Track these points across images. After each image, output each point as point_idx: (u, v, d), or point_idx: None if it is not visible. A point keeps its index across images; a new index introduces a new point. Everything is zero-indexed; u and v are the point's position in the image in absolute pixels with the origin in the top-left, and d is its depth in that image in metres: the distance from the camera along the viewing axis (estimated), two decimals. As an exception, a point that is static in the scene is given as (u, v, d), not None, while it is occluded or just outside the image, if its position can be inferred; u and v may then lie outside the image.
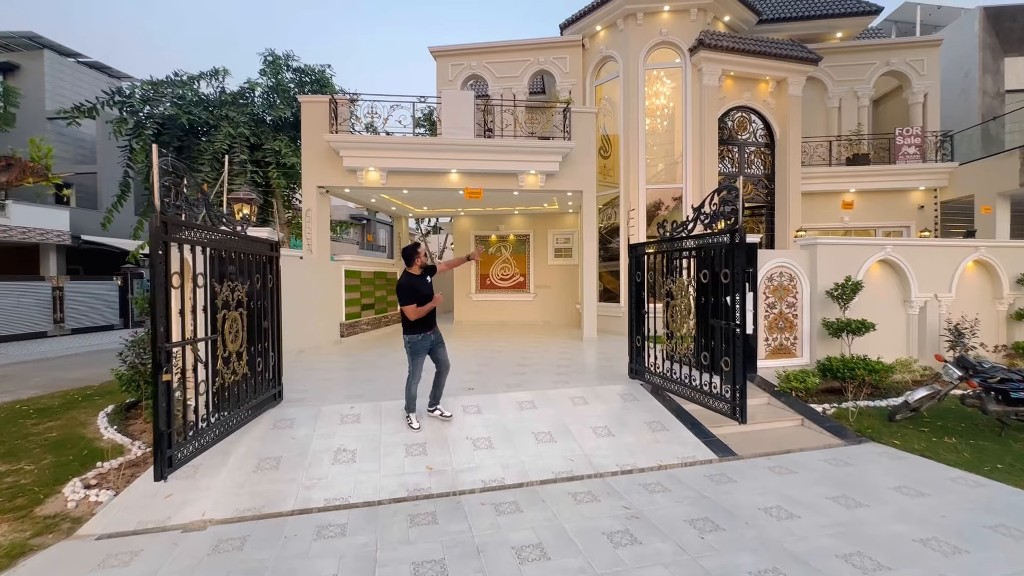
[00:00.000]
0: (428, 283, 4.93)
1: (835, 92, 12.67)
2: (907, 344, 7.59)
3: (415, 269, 4.87)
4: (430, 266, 5.08)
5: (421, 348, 4.91)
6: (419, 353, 4.92)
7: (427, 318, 4.88)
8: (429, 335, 4.95)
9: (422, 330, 4.89)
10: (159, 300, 3.20)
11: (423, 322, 4.86)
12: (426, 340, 4.93)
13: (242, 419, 4.53)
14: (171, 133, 10.70)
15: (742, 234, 4.38)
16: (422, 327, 4.89)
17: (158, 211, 3.20)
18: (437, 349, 5.04)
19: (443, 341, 5.12)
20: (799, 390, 6.23)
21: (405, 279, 4.84)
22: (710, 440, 5.00)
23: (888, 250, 7.28)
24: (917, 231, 12.15)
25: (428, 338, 4.94)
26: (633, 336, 6.32)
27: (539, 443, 4.82)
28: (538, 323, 13.45)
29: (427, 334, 4.93)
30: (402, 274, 4.94)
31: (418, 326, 4.87)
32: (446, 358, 5.12)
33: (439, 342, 5.06)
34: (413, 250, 4.87)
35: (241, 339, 4.44)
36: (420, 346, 4.91)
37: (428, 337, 4.94)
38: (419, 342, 4.90)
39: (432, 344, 4.99)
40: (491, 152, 9.36)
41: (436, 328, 5.06)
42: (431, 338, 4.97)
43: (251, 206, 6.07)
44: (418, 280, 4.86)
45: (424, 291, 4.82)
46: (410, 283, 4.80)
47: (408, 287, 4.77)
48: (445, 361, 5.10)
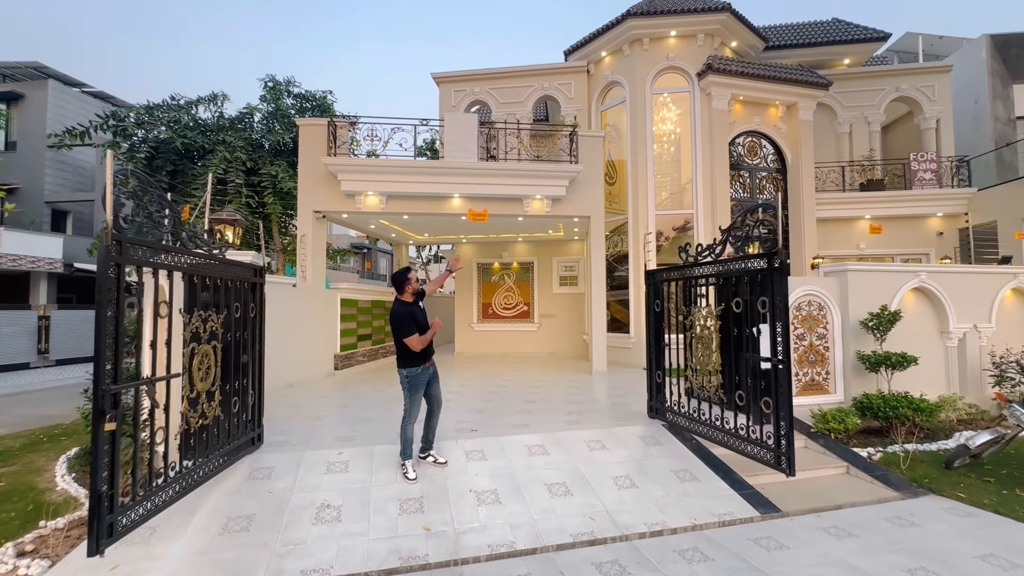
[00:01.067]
0: (423, 309, 4.54)
1: (845, 118, 12.44)
2: (947, 379, 6.99)
3: (408, 296, 4.43)
4: (421, 290, 4.63)
5: (420, 382, 4.42)
6: (418, 387, 4.41)
7: (427, 348, 4.44)
8: (428, 368, 4.50)
9: (420, 361, 4.40)
10: (104, 332, 2.67)
11: (423, 353, 4.40)
12: (426, 373, 4.46)
13: (212, 469, 3.93)
14: (165, 157, 10.39)
15: (783, 258, 3.88)
16: (422, 358, 4.41)
17: (110, 227, 2.71)
18: (432, 384, 4.56)
19: (438, 376, 4.65)
20: (838, 431, 5.62)
21: (400, 307, 4.36)
22: (747, 492, 4.37)
23: (922, 277, 6.78)
24: (937, 258, 11.69)
25: (428, 371, 4.49)
26: (653, 371, 5.75)
27: (553, 496, 4.20)
28: (543, 354, 12.84)
29: (427, 367, 4.48)
30: (395, 302, 4.44)
31: (418, 357, 4.39)
32: (440, 394, 4.65)
33: (435, 377, 4.60)
34: (404, 275, 4.42)
35: (213, 376, 3.89)
36: (420, 380, 4.41)
37: (428, 370, 4.49)
38: (419, 376, 4.40)
39: (430, 378, 4.53)
40: (495, 176, 8.99)
41: (434, 361, 4.61)
42: (430, 371, 4.52)
43: (235, 228, 5.61)
44: (413, 307, 4.42)
45: (420, 318, 4.42)
46: (407, 311, 4.34)
47: (405, 316, 4.31)
48: (439, 398, 4.62)
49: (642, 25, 10.58)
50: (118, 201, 2.77)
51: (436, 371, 4.60)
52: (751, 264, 4.28)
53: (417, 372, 4.40)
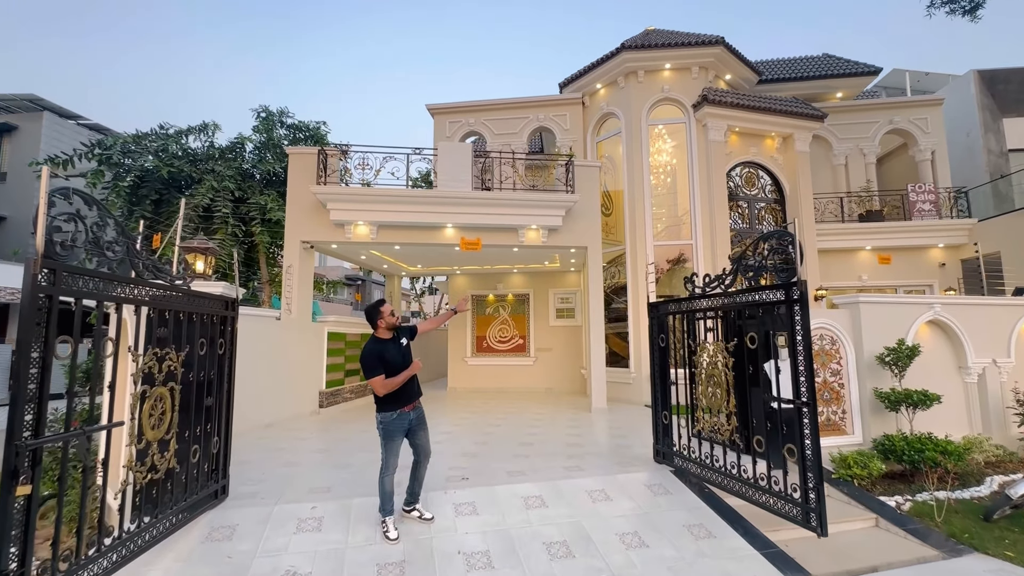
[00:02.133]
0: (401, 347, 3.99)
1: (840, 149, 12.44)
2: (969, 418, 6.59)
3: (382, 332, 3.97)
4: (406, 327, 4.17)
5: (396, 429, 3.88)
6: (394, 436, 3.87)
7: (405, 391, 3.90)
8: (407, 413, 3.93)
9: (397, 406, 3.88)
10: (24, 376, 2.26)
11: (399, 395, 3.88)
12: (403, 419, 3.90)
13: (163, 530, 3.43)
14: (150, 186, 10.12)
15: (803, 289, 3.55)
16: (397, 402, 3.88)
17: (40, 254, 2.34)
18: (417, 431, 4.00)
19: (425, 421, 4.09)
20: (861, 478, 5.17)
21: (369, 345, 3.90)
22: (771, 552, 3.89)
23: (937, 309, 6.47)
24: (941, 290, 11.44)
25: (406, 417, 3.92)
26: (659, 412, 5.32)
27: (552, 559, 3.70)
28: (539, 390, 12.32)
29: (404, 411, 3.91)
30: (368, 340, 4.00)
31: (392, 401, 3.87)
32: (427, 443, 4.06)
33: (420, 422, 4.03)
34: (374, 309, 3.96)
35: (169, 423, 3.44)
36: (395, 427, 3.87)
37: (406, 416, 3.92)
38: (393, 421, 3.86)
39: (411, 424, 3.96)
40: (490, 205, 8.75)
41: (419, 404, 4.06)
42: (410, 417, 3.94)
43: (207, 257, 5.24)
44: (386, 345, 3.94)
45: (391, 358, 3.87)
46: (375, 350, 3.86)
47: (371, 354, 3.83)
48: (425, 447, 4.03)
49: (637, 58, 10.62)
50: (53, 225, 2.41)
51: (422, 416, 4.06)
52: (766, 296, 3.95)
53: (392, 418, 3.86)
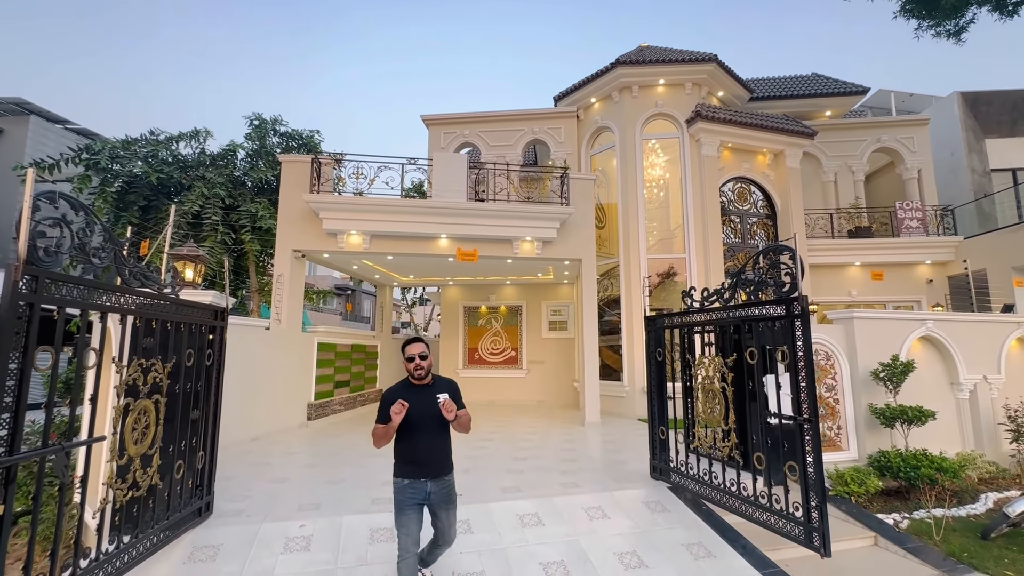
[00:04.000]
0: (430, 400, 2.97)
1: (829, 167, 12.64)
2: (961, 434, 6.61)
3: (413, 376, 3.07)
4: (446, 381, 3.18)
5: (406, 501, 2.92)
6: (403, 508, 2.91)
7: (418, 454, 2.96)
8: (423, 484, 2.94)
9: (406, 472, 2.96)
10: (1, 387, 2.14)
11: (408, 457, 2.98)
12: (416, 492, 2.94)
13: (144, 551, 3.27)
14: (138, 192, 9.93)
15: (804, 304, 3.53)
16: (407, 465, 2.97)
17: (22, 258, 2.24)
18: (438, 510, 3.03)
19: (452, 500, 3.10)
20: (859, 494, 5.13)
21: (391, 387, 3.11)
22: (771, 572, 3.81)
23: (929, 325, 6.52)
24: (929, 306, 11.59)
25: (420, 489, 2.94)
26: (656, 427, 5.25)
27: (550, 580, 3.59)
28: (531, 403, 12.21)
29: (418, 482, 2.94)
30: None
31: (401, 463, 2.99)
32: (449, 529, 3.09)
33: (443, 501, 3.03)
34: (403, 348, 3.09)
35: (152, 437, 3.30)
36: (405, 498, 2.93)
37: (420, 487, 2.94)
38: (402, 490, 2.94)
39: (430, 500, 2.98)
40: (484, 217, 8.71)
41: (444, 478, 3.04)
42: (426, 490, 2.95)
43: (196, 265, 5.11)
44: (410, 393, 2.99)
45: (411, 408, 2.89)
46: (389, 394, 3.02)
47: (385, 397, 3.00)
48: (446, 533, 3.10)
49: (631, 73, 10.74)
50: (36, 230, 2.30)
51: (447, 495, 3.05)
52: (766, 311, 3.92)
53: (402, 486, 2.94)
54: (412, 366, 3.02)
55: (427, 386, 3.07)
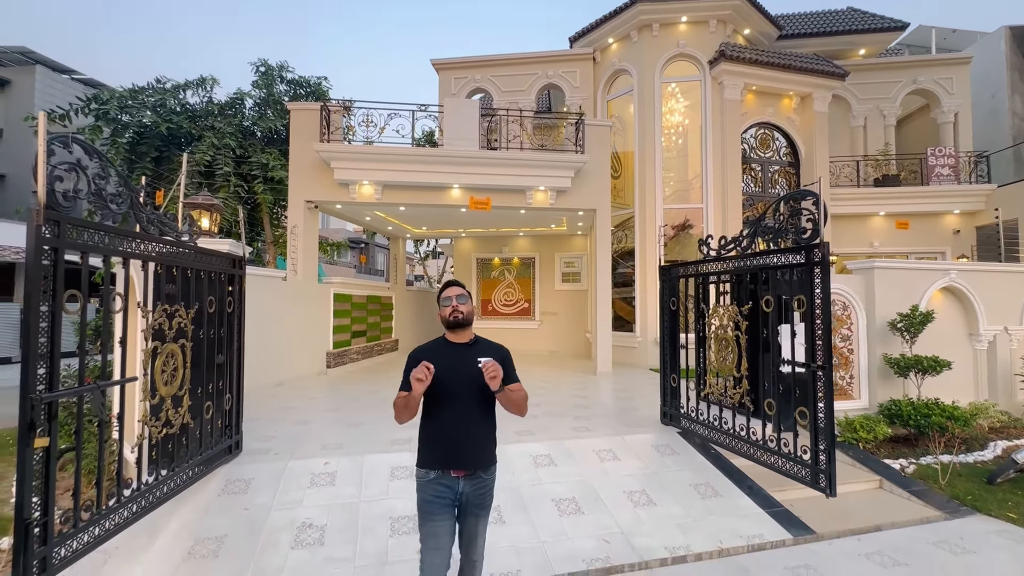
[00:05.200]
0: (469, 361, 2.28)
1: (859, 111, 12.01)
2: (975, 384, 6.59)
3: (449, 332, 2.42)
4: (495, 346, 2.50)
5: (431, 500, 2.23)
6: (427, 510, 2.24)
7: (448, 434, 2.26)
8: (453, 480, 2.25)
9: (430, 461, 2.27)
10: (34, 330, 2.22)
11: (433, 442, 2.28)
12: (445, 488, 2.24)
13: (180, 483, 3.48)
14: (149, 143, 9.88)
15: (825, 251, 3.45)
16: (430, 453, 2.28)
17: (42, 205, 2.26)
18: (467, 515, 2.29)
19: (486, 504, 2.33)
20: (867, 441, 5.22)
21: (421, 345, 2.46)
22: (777, 511, 3.96)
23: (952, 276, 6.37)
24: (953, 257, 11.28)
25: (449, 486, 2.24)
26: (667, 375, 5.32)
27: (562, 515, 3.77)
28: (544, 353, 12.41)
29: (447, 476, 2.25)
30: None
31: (424, 449, 2.30)
32: (476, 539, 2.32)
33: (478, 503, 2.28)
34: (439, 293, 2.45)
35: (181, 378, 3.44)
36: (431, 497, 2.24)
37: (450, 484, 2.24)
38: (428, 486, 2.25)
39: (461, 500, 2.26)
40: (497, 165, 8.53)
41: (483, 474, 2.30)
42: (457, 488, 2.25)
43: (212, 214, 5.14)
44: (444, 351, 2.36)
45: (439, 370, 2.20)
46: (419, 350, 2.39)
47: (412, 356, 2.35)
48: (473, 545, 2.32)
49: (652, 10, 10.11)
50: (53, 174, 2.31)
51: (483, 494, 2.30)
52: (785, 259, 3.85)
53: (424, 479, 2.26)
54: (448, 311, 2.34)
55: (467, 346, 2.39)
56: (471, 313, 2.43)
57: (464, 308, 2.40)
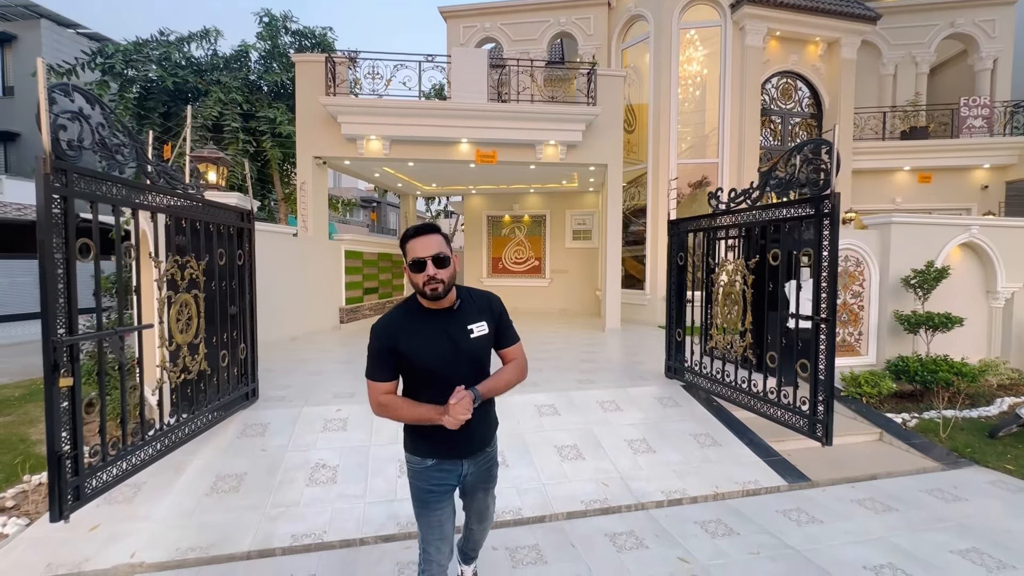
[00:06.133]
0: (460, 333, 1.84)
1: (890, 57, 11.34)
2: (988, 342, 6.52)
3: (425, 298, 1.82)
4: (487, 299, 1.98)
5: (426, 488, 1.91)
6: (424, 498, 1.92)
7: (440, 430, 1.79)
8: (455, 465, 1.93)
9: (426, 450, 1.90)
10: (50, 278, 2.32)
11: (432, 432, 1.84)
12: (446, 474, 1.93)
13: (200, 425, 3.69)
14: (156, 98, 9.82)
15: (835, 202, 3.37)
16: (426, 441, 1.89)
17: (48, 153, 2.30)
18: (475, 491, 2.06)
19: (492, 476, 2.10)
20: (871, 395, 5.25)
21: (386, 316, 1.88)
22: (773, 459, 4.06)
23: (973, 231, 6.18)
24: (979, 213, 10.89)
25: (452, 472, 1.93)
26: (672, 329, 5.36)
27: (563, 460, 3.92)
28: (554, 311, 12.50)
29: (447, 466, 1.92)
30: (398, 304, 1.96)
31: (418, 437, 1.91)
32: (486, 507, 2.14)
33: (484, 477, 2.05)
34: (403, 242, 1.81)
35: (196, 327, 3.57)
36: (424, 483, 1.91)
37: (451, 470, 1.93)
38: (421, 474, 1.92)
39: (464, 480, 1.98)
40: (506, 119, 8.33)
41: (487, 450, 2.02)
42: (459, 471, 1.94)
43: (219, 168, 5.15)
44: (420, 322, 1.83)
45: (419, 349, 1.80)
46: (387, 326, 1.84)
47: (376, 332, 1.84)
48: (482, 511, 2.14)
49: (671, -52, 9.49)
50: (57, 123, 2.33)
51: (487, 470, 2.05)
52: (794, 211, 3.77)
53: (417, 467, 1.92)
54: (422, 279, 1.74)
55: (450, 312, 1.85)
56: (453, 278, 1.80)
57: (445, 274, 1.75)
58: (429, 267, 1.72)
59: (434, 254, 1.73)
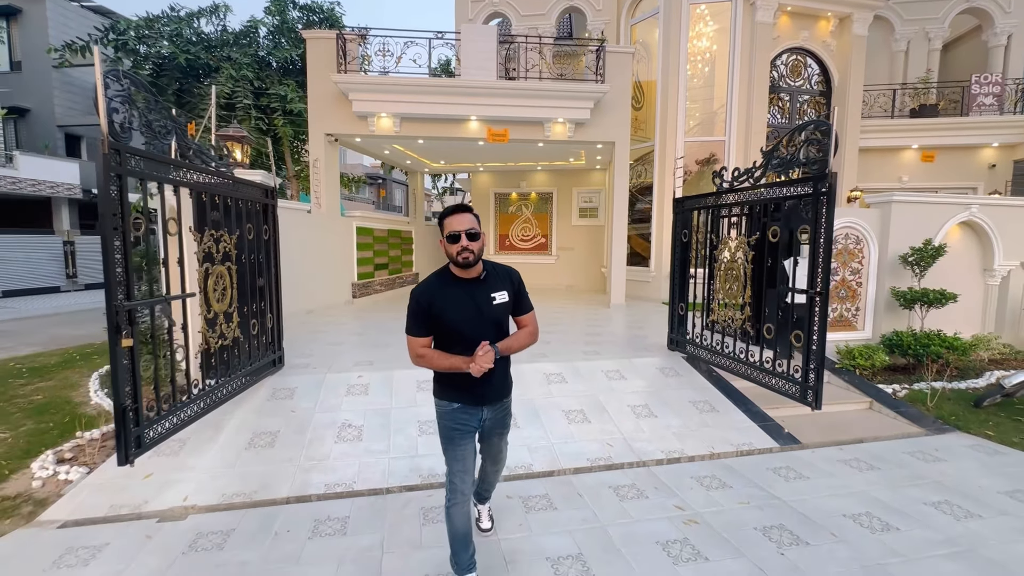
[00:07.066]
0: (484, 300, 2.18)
1: (903, 33, 11.22)
2: (983, 318, 6.71)
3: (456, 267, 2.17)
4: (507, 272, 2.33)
5: (454, 428, 2.25)
6: (451, 437, 2.26)
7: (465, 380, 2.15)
8: (477, 410, 2.26)
9: (455, 395, 2.24)
10: (111, 249, 2.56)
11: (458, 381, 2.19)
12: (469, 417, 2.25)
13: (235, 388, 3.99)
14: (169, 75, 9.94)
15: (832, 181, 3.54)
16: (455, 389, 2.23)
17: (106, 135, 2.52)
18: (491, 435, 2.40)
19: (507, 423, 2.45)
20: (864, 368, 5.49)
21: (424, 283, 2.24)
22: (767, 424, 4.34)
23: (973, 210, 6.31)
24: (985, 192, 10.93)
25: (473, 415, 2.26)
26: (675, 303, 5.59)
27: (571, 423, 4.22)
28: (560, 287, 12.75)
29: (470, 409, 2.25)
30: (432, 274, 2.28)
31: (448, 385, 2.25)
32: (500, 450, 2.51)
33: (497, 425, 2.38)
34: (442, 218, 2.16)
35: (230, 297, 3.84)
36: (452, 424, 2.25)
37: (473, 414, 2.26)
38: (448, 415, 2.26)
39: (483, 425, 2.31)
40: (514, 96, 8.42)
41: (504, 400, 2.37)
42: (480, 416, 2.27)
43: (243, 146, 5.35)
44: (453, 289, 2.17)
45: (452, 312, 2.14)
46: (425, 291, 2.19)
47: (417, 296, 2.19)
48: (495, 453, 2.51)
49: (683, -80, 9.36)
50: (110, 106, 2.55)
51: (503, 418, 2.39)
52: (794, 190, 3.95)
53: (446, 409, 2.26)
54: (456, 249, 2.06)
55: (477, 281, 2.18)
56: (482, 250, 2.13)
57: (475, 246, 2.08)
58: (463, 239, 2.07)
59: (467, 229, 2.08)
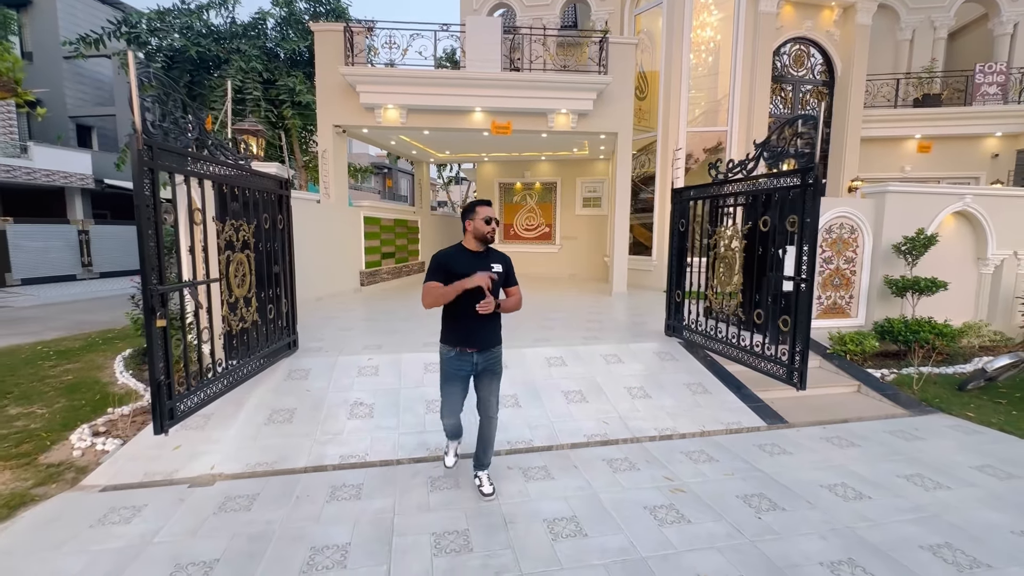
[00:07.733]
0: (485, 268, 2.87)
1: (908, 22, 11.19)
2: (975, 306, 6.86)
3: (469, 240, 2.94)
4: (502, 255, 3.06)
5: (452, 371, 2.98)
6: (449, 378, 3.00)
7: (467, 327, 2.91)
8: (469, 355, 2.95)
9: (454, 342, 2.95)
10: (146, 238, 2.80)
11: (458, 329, 2.93)
12: (463, 362, 2.96)
13: (254, 368, 4.26)
14: (181, 67, 10.14)
15: (817, 174, 3.72)
16: (454, 336, 2.95)
17: (139, 132, 2.75)
18: (482, 378, 3.03)
19: (497, 371, 3.07)
20: (854, 353, 5.69)
21: (444, 250, 2.96)
22: (757, 405, 4.56)
23: (967, 200, 6.43)
24: (988, 182, 10.97)
25: (467, 360, 2.95)
26: (672, 290, 5.79)
27: (569, 403, 4.46)
28: (563, 276, 12.95)
29: (465, 353, 2.94)
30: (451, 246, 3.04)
31: (449, 333, 2.97)
32: (491, 399, 3.05)
33: (488, 371, 3.01)
34: (470, 208, 2.95)
35: (249, 283, 4.09)
36: (451, 368, 2.98)
37: (467, 359, 2.95)
38: (449, 360, 2.97)
39: (476, 370, 3.00)
40: (519, 88, 8.56)
41: (493, 352, 3.03)
42: (472, 360, 2.96)
43: (258, 139, 5.57)
44: (466, 257, 2.91)
45: (458, 268, 2.84)
46: (446, 255, 2.92)
47: (438, 258, 2.90)
48: (488, 404, 3.05)
49: (687, -91, 9.38)
50: (143, 105, 2.77)
51: (493, 366, 3.03)
52: (784, 182, 4.13)
53: (447, 355, 2.97)
54: (488, 229, 2.88)
55: (482, 254, 2.95)
56: (495, 232, 3.03)
57: (497, 229, 3.04)
58: (493, 223, 2.94)
59: (495, 216, 2.98)
